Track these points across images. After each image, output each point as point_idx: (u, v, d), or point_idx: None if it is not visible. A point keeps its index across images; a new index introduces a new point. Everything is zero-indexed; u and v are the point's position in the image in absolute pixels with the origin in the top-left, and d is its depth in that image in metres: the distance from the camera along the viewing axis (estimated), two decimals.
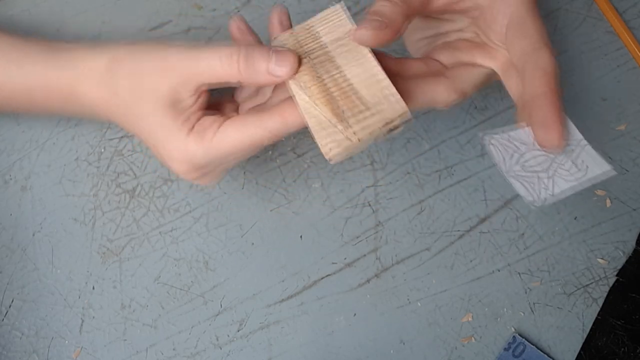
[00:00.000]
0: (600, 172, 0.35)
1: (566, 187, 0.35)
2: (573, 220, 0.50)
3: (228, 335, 0.46)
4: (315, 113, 0.34)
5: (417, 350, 0.47)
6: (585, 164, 0.35)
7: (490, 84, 0.41)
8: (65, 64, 0.38)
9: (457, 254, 0.49)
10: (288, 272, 0.48)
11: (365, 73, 0.34)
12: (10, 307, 0.46)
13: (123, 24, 0.53)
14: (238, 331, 0.46)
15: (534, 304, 0.48)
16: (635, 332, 0.47)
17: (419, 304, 0.48)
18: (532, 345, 0.46)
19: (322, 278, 0.48)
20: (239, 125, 0.36)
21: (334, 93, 0.34)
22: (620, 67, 0.53)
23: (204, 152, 0.36)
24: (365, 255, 0.48)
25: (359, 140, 0.33)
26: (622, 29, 0.54)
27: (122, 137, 0.50)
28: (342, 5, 0.36)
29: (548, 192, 0.35)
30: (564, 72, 0.53)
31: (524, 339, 0.46)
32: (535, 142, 0.36)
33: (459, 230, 0.49)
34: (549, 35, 0.37)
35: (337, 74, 0.35)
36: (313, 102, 0.34)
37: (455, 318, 0.47)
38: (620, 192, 0.50)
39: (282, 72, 0.34)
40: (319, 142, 0.33)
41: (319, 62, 0.35)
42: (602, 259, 0.49)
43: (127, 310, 0.46)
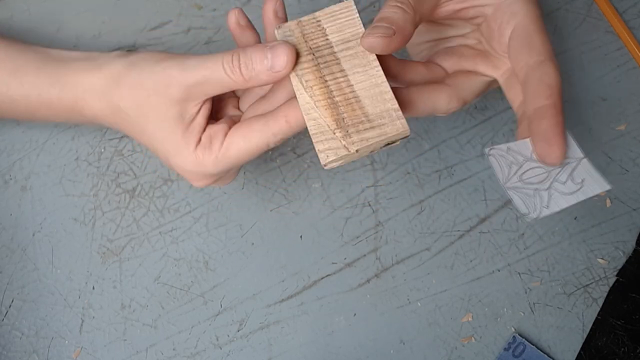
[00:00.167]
0: (596, 188, 0.35)
1: (562, 201, 0.35)
2: (573, 220, 0.50)
3: (228, 335, 0.46)
4: (315, 116, 0.34)
5: (417, 350, 0.47)
6: (582, 178, 0.35)
7: (489, 91, 0.41)
8: (65, 83, 0.38)
9: (457, 254, 0.49)
10: (288, 272, 0.48)
11: (369, 82, 0.34)
12: (10, 307, 0.46)
13: (123, 24, 0.53)
14: (238, 331, 0.46)
15: (534, 304, 0.48)
16: (635, 332, 0.47)
17: (419, 304, 0.48)
18: (532, 345, 0.46)
19: (322, 278, 0.48)
20: (246, 132, 0.36)
21: (337, 98, 0.34)
22: (620, 67, 0.53)
23: (213, 163, 0.36)
24: (365, 255, 0.48)
25: (357, 151, 0.33)
26: (622, 29, 0.54)
27: (122, 137, 0.50)
28: (352, 2, 0.36)
29: (543, 205, 0.35)
30: (564, 72, 0.53)
31: (524, 339, 0.46)
32: (534, 155, 0.36)
33: (459, 230, 0.49)
34: (549, 36, 0.37)
35: (342, 79, 0.34)
36: (314, 104, 0.34)
37: (455, 318, 0.47)
38: (620, 192, 0.50)
39: (280, 65, 0.34)
40: (316, 147, 0.33)
41: (324, 62, 0.35)
42: (602, 259, 0.49)
43: (127, 310, 0.46)
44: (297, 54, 0.35)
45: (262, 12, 0.38)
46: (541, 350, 0.46)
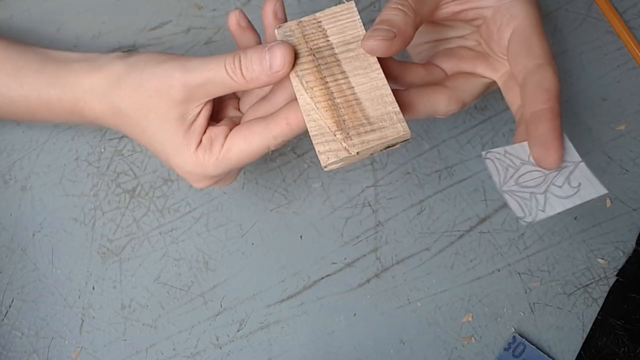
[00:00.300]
0: (593, 192, 0.35)
1: (558, 204, 0.35)
2: (573, 220, 0.50)
3: (228, 335, 0.46)
4: (315, 117, 0.34)
5: (417, 350, 0.47)
6: (578, 182, 0.35)
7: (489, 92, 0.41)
8: (65, 85, 0.38)
9: (457, 254, 0.49)
10: (288, 272, 0.48)
11: (370, 84, 0.34)
12: (10, 307, 0.46)
13: (123, 24, 0.53)
14: (238, 331, 0.47)
15: (534, 304, 0.48)
16: (635, 332, 0.47)
17: (419, 304, 0.48)
18: (532, 345, 0.46)
19: (322, 278, 0.48)
20: (246, 134, 0.36)
21: (337, 100, 0.34)
22: (620, 67, 0.53)
23: (214, 165, 0.36)
24: (365, 255, 0.48)
25: (357, 153, 0.33)
26: (622, 29, 0.54)
27: (122, 137, 0.50)
28: (354, 4, 0.36)
29: (539, 209, 0.35)
30: (564, 72, 0.53)
31: (524, 339, 0.46)
32: (531, 158, 0.36)
33: (459, 230, 0.49)
34: (549, 35, 0.37)
35: (342, 81, 0.34)
36: (315, 105, 0.34)
37: (455, 318, 0.47)
38: (620, 192, 0.50)
39: (278, 65, 0.34)
40: (317, 148, 0.33)
41: (325, 63, 0.35)
42: (602, 259, 0.49)
43: (127, 310, 0.46)
44: (296, 54, 0.35)
45: (262, 12, 0.38)
46: (541, 350, 0.46)
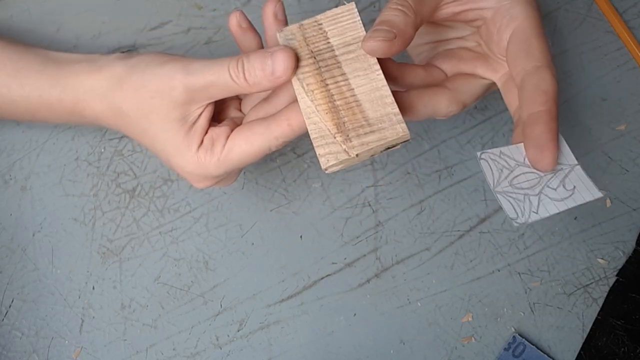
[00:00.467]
0: (588, 195, 0.35)
1: (551, 206, 0.35)
2: (573, 220, 0.50)
3: (228, 335, 0.46)
4: (316, 120, 0.34)
5: (417, 350, 0.47)
6: (573, 185, 0.35)
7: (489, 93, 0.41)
8: (65, 85, 0.38)
9: (457, 254, 0.49)
10: (288, 272, 0.48)
11: (370, 85, 0.34)
12: (10, 307, 0.46)
13: (123, 24, 0.53)
14: (238, 331, 0.47)
15: (534, 304, 0.48)
16: (635, 332, 0.47)
17: (419, 304, 0.48)
18: (532, 345, 0.46)
19: (322, 278, 0.48)
20: (248, 135, 0.36)
21: (337, 102, 0.34)
22: (620, 67, 0.53)
23: (215, 165, 0.36)
24: (365, 255, 0.48)
25: (357, 155, 0.33)
26: (622, 29, 0.54)
27: (122, 137, 0.50)
28: (354, 5, 0.35)
29: (533, 210, 0.35)
30: (564, 72, 0.53)
31: (524, 339, 0.46)
32: (527, 160, 0.35)
33: (459, 230, 0.49)
34: (549, 36, 0.37)
35: (343, 83, 0.34)
36: (315, 108, 0.34)
37: (455, 318, 0.47)
38: (620, 192, 0.50)
39: (281, 71, 0.34)
40: (317, 151, 0.33)
41: (325, 65, 0.35)
42: (602, 259, 0.49)
43: (127, 310, 0.46)
44: (298, 58, 0.35)
45: (262, 14, 0.38)
46: (541, 350, 0.46)
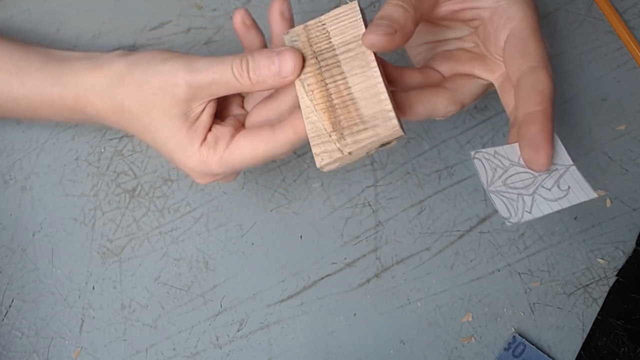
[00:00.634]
0: (582, 196, 0.34)
1: (545, 206, 0.34)
2: (573, 220, 0.50)
3: (228, 335, 0.46)
4: (314, 119, 0.34)
5: (417, 350, 0.47)
6: (568, 185, 0.35)
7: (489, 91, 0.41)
8: (66, 83, 0.38)
9: (457, 254, 0.49)
10: (288, 272, 0.48)
11: (366, 83, 0.34)
12: (10, 307, 0.46)
13: (123, 24, 0.53)
14: (238, 331, 0.47)
15: (534, 304, 0.48)
16: (635, 332, 0.47)
17: (419, 304, 0.48)
18: (532, 345, 0.46)
19: (322, 278, 0.48)
20: (252, 139, 0.36)
21: (334, 101, 0.34)
22: (620, 67, 0.54)
23: (217, 164, 0.37)
24: (365, 255, 0.48)
25: (350, 153, 0.33)
26: (622, 29, 0.54)
27: (122, 137, 0.50)
28: (357, 4, 0.35)
29: (526, 210, 0.34)
30: (564, 72, 0.53)
31: (524, 339, 0.46)
32: (521, 159, 0.35)
33: (459, 230, 0.49)
34: (549, 36, 0.37)
35: (341, 82, 0.34)
36: (314, 107, 0.34)
37: (455, 318, 0.47)
38: (620, 192, 0.50)
39: (288, 71, 0.34)
40: (313, 150, 0.33)
41: (326, 65, 0.35)
42: (602, 259, 0.49)
43: (127, 310, 0.46)
44: (304, 59, 0.35)
45: (269, 12, 0.38)
46: (541, 350, 0.46)
